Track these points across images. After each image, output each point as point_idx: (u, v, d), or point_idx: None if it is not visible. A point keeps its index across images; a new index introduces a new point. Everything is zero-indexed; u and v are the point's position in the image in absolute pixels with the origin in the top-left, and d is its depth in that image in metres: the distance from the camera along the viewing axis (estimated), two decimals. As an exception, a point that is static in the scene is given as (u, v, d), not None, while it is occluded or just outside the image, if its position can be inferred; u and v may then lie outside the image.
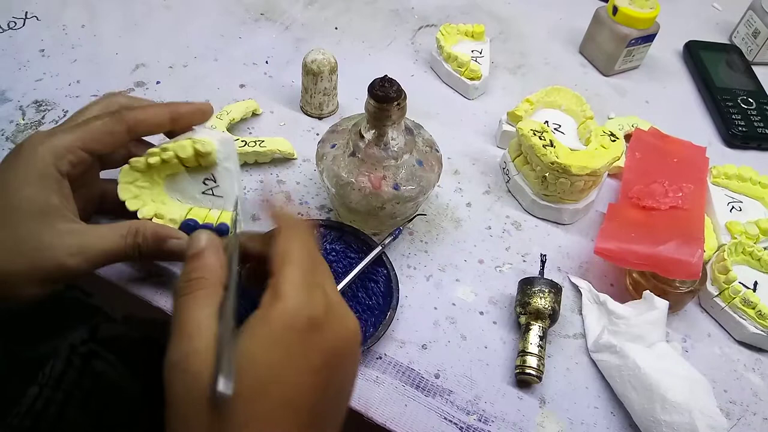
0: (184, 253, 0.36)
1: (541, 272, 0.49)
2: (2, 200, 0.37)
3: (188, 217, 0.45)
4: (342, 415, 0.33)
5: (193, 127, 0.44)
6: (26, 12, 0.68)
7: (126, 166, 0.43)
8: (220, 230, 0.44)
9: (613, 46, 0.70)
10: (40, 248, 0.36)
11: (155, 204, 0.45)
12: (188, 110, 0.43)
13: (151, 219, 0.43)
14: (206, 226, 0.45)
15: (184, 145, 0.42)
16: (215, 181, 0.45)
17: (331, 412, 0.32)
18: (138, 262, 0.47)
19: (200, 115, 0.44)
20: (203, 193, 0.46)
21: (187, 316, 0.30)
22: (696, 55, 0.76)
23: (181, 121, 0.43)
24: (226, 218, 0.46)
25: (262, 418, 0.28)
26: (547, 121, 0.59)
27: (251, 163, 0.56)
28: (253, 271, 0.38)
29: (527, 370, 0.43)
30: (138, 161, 0.43)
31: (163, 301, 0.46)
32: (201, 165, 0.44)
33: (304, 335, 0.30)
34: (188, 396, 0.28)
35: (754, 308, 0.48)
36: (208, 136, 0.44)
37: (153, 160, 0.42)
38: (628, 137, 0.61)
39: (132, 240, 0.39)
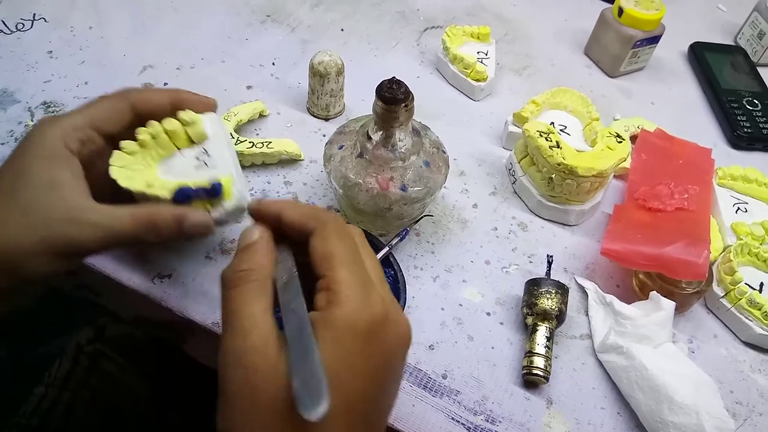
0: (206, 227, 0.37)
1: (548, 273, 0.49)
2: (12, 178, 0.36)
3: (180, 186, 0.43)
4: (388, 414, 0.32)
5: None
6: (34, 14, 0.68)
7: (117, 151, 0.42)
8: (214, 189, 0.42)
9: (618, 47, 0.70)
10: (49, 222, 0.35)
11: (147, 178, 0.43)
12: (190, 98, 0.43)
13: (142, 192, 0.41)
14: (201, 189, 0.42)
15: (169, 119, 0.43)
16: (207, 154, 0.44)
17: (381, 413, 0.32)
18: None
19: (201, 105, 0.44)
20: (196, 168, 0.44)
21: (241, 309, 0.30)
22: (701, 56, 0.76)
23: (181, 106, 0.43)
24: (224, 185, 0.43)
25: (324, 423, 0.27)
26: (552, 123, 0.59)
27: (258, 164, 0.56)
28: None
29: (534, 371, 0.43)
30: (128, 143, 0.42)
31: (172, 301, 0.46)
32: (192, 141, 0.44)
33: (365, 338, 0.29)
34: (247, 392, 0.28)
35: (760, 309, 0.48)
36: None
37: (142, 137, 0.42)
38: (633, 138, 0.61)
39: (146, 221, 0.37)
